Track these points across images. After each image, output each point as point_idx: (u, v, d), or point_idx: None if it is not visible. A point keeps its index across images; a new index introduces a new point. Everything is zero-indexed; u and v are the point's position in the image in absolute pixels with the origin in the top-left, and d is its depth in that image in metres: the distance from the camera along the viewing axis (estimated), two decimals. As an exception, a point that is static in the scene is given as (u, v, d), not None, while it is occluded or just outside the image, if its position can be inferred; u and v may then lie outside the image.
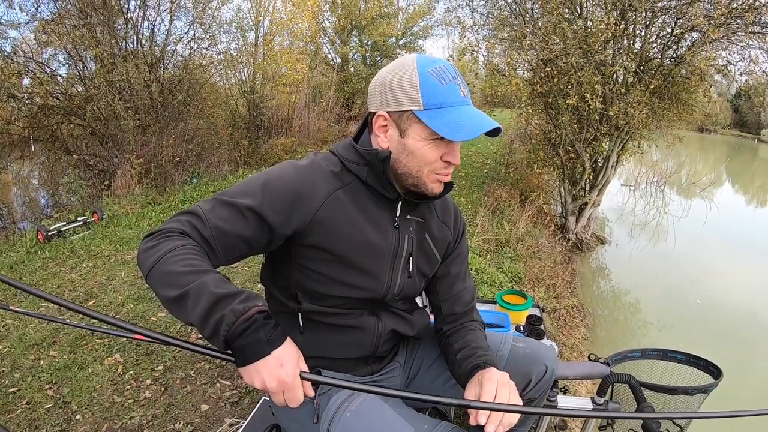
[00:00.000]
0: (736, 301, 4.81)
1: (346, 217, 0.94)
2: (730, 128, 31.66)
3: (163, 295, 0.76)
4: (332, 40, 15.85)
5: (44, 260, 3.67)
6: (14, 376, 2.30)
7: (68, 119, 5.39)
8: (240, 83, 9.33)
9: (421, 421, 0.90)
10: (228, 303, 0.70)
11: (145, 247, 0.81)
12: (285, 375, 0.70)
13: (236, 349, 0.70)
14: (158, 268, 0.77)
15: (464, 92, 0.90)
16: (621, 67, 4.43)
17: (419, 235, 1.06)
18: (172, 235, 0.81)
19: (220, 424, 1.95)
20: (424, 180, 0.94)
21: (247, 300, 0.72)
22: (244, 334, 0.69)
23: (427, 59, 0.90)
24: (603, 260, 6.03)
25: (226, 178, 6.89)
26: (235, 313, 0.69)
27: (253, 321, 0.70)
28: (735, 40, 4.42)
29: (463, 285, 1.16)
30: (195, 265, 0.76)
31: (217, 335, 0.70)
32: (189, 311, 0.72)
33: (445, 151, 0.91)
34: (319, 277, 0.96)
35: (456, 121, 0.86)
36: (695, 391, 1.31)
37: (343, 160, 0.98)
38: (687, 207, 8.37)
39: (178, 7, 6.02)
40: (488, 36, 5.84)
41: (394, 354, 1.18)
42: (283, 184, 0.90)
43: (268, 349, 0.70)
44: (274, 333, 0.72)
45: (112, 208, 4.95)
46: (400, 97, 0.89)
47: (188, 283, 0.73)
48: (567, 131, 5.03)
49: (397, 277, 1.03)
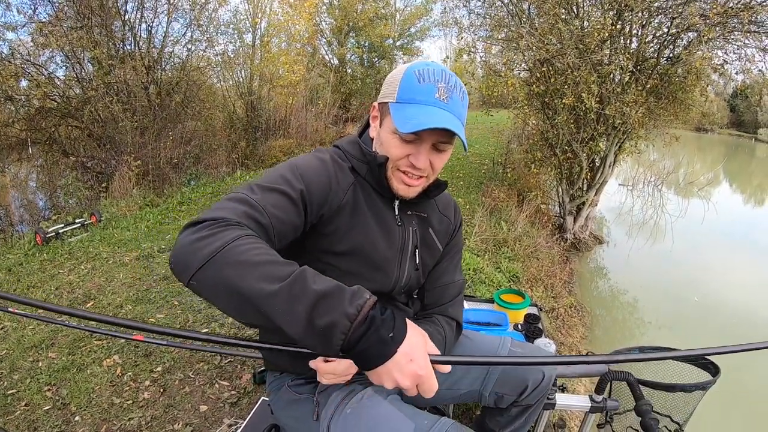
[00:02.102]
0: (734, 300, 4.81)
1: (362, 210, 0.96)
2: (728, 128, 31.70)
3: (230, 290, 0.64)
4: (329, 42, 15.88)
5: (42, 262, 3.67)
6: (13, 377, 2.30)
7: (66, 121, 5.39)
8: (237, 85, 9.33)
9: (421, 417, 0.90)
10: (336, 304, 0.62)
11: (194, 237, 0.68)
12: (418, 368, 0.65)
13: (356, 355, 0.63)
14: (226, 257, 0.64)
15: (442, 96, 0.88)
16: (617, 67, 4.44)
17: (422, 229, 1.07)
18: (227, 224, 0.70)
19: (219, 425, 1.95)
20: (389, 174, 0.95)
21: (355, 297, 0.64)
22: (363, 338, 0.62)
23: (424, 63, 0.92)
24: (601, 260, 6.03)
25: (224, 180, 6.89)
26: (349, 317, 0.62)
27: (371, 321, 0.63)
28: (731, 39, 4.45)
29: (451, 278, 1.16)
30: (275, 255, 0.67)
31: (329, 344, 0.62)
32: (278, 313, 0.62)
33: (412, 152, 0.90)
34: (330, 268, 0.95)
35: (411, 115, 0.86)
36: (693, 388, 1.32)
37: (348, 155, 1.00)
38: (685, 207, 8.40)
39: (175, 9, 6.01)
40: (485, 36, 5.86)
41: None
42: (317, 170, 0.91)
43: (393, 348, 0.64)
44: (395, 327, 0.65)
45: (110, 210, 4.94)
46: (386, 90, 0.94)
47: (286, 275, 0.63)
48: (564, 131, 5.05)
49: (404, 271, 1.04)
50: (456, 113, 0.89)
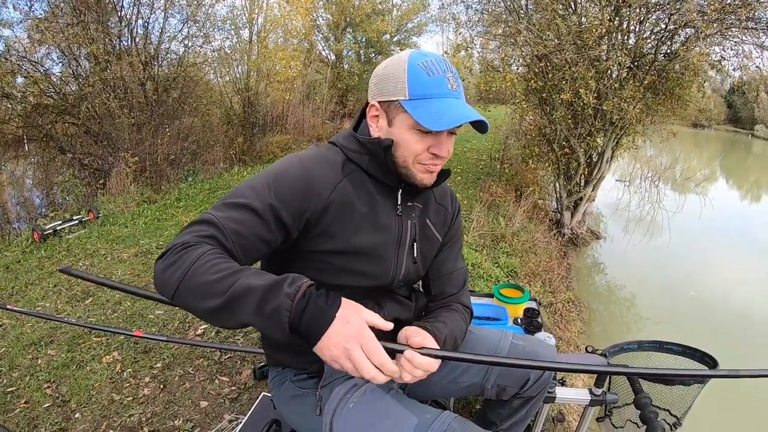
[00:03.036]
0: (731, 296, 4.84)
1: (352, 206, 0.95)
2: (724, 124, 31.79)
3: (201, 307, 0.74)
4: (326, 37, 15.83)
5: (40, 259, 3.66)
6: (12, 375, 2.30)
7: (62, 118, 5.35)
8: (234, 80, 9.29)
9: (423, 411, 0.90)
10: (278, 291, 0.70)
11: (163, 266, 0.77)
12: (356, 329, 0.70)
13: (304, 329, 0.70)
14: (187, 283, 0.74)
15: (453, 85, 0.90)
16: (615, 63, 4.44)
17: (421, 220, 1.07)
18: (188, 247, 0.78)
19: (220, 420, 1.95)
20: (412, 170, 0.94)
21: (294, 281, 0.72)
22: (305, 311, 0.70)
23: (420, 53, 0.91)
24: (598, 255, 6.06)
25: (222, 176, 6.87)
26: (289, 296, 0.70)
27: (309, 296, 0.71)
28: (729, 35, 4.45)
29: (454, 266, 1.17)
30: (226, 269, 0.74)
31: (279, 324, 0.69)
32: (238, 314, 0.71)
33: (432, 143, 0.91)
34: (326, 267, 0.96)
35: (437, 111, 0.86)
36: (692, 381, 1.33)
37: (344, 150, 0.99)
38: (681, 202, 8.42)
39: (172, 5, 5.98)
40: (483, 32, 5.85)
41: None
42: (292, 177, 0.90)
43: (331, 313, 0.70)
44: (328, 298, 0.72)
45: (108, 206, 4.92)
46: (389, 88, 0.91)
47: (228, 287, 0.71)
48: (562, 126, 5.05)
49: (402, 264, 1.04)
50: (464, 99, 0.92)
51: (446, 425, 0.86)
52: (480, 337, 1.21)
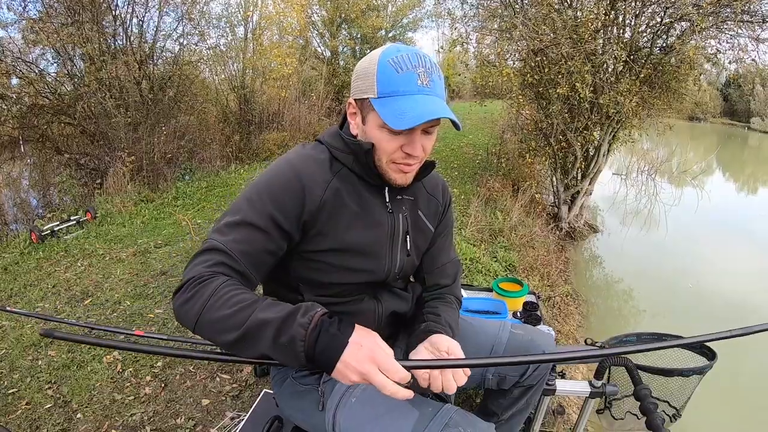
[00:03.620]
0: (729, 288, 4.85)
1: (344, 204, 0.95)
2: (720, 117, 31.80)
3: (220, 340, 0.77)
4: (321, 34, 15.75)
5: (39, 260, 3.65)
6: (13, 377, 2.30)
7: (58, 118, 5.31)
8: (230, 78, 9.25)
9: (425, 404, 0.91)
10: (291, 322, 0.72)
11: (181, 301, 0.80)
12: (370, 352, 0.71)
13: (319, 357, 0.72)
14: (205, 318, 0.77)
15: (424, 81, 0.87)
16: (611, 57, 4.44)
17: (413, 213, 1.07)
18: (203, 281, 0.80)
19: (222, 418, 1.96)
20: (386, 170, 0.94)
21: (307, 311, 0.74)
22: (319, 339, 0.71)
23: (395, 48, 0.89)
24: (595, 249, 6.07)
25: (219, 174, 6.86)
26: (303, 326, 0.72)
27: (321, 324, 0.73)
28: (724, 28, 4.45)
29: (447, 257, 1.18)
30: (240, 301, 0.76)
31: (294, 355, 0.71)
32: (256, 346, 0.74)
33: (404, 142, 0.89)
34: (322, 266, 0.96)
35: (402, 110, 0.84)
36: (691, 373, 1.34)
37: (330, 148, 0.98)
38: (678, 195, 8.45)
39: (167, 3, 5.94)
40: (478, 27, 5.83)
41: (395, 339, 1.18)
42: (285, 182, 0.90)
43: (344, 339, 0.72)
44: (340, 326, 0.74)
45: (105, 206, 4.92)
46: (362, 86, 0.90)
47: (243, 321, 0.74)
48: (558, 120, 5.06)
49: (397, 257, 1.05)
50: (440, 95, 0.89)
51: (448, 417, 0.88)
52: (478, 328, 1.23)
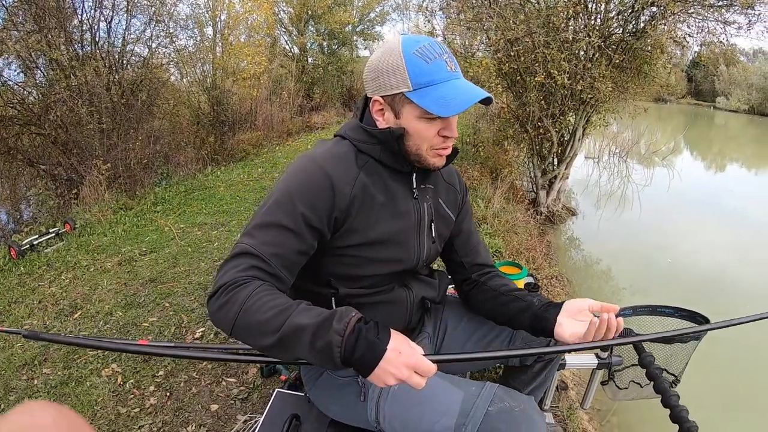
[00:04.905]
0: (703, 262, 5.07)
1: (372, 198, 0.97)
2: (686, 97, 32.80)
3: (257, 344, 0.80)
4: (289, 31, 15.56)
5: (20, 276, 3.52)
6: (9, 398, 2.22)
7: (28, 129, 5.11)
8: (201, 80, 9.08)
9: (467, 385, 0.95)
10: (327, 328, 0.74)
11: (216, 306, 0.81)
12: (408, 358, 0.74)
13: (356, 363, 0.74)
14: (241, 322, 0.78)
15: (451, 66, 0.92)
16: (585, 44, 4.56)
17: (435, 201, 1.11)
18: (237, 287, 0.81)
19: (234, 422, 1.96)
20: (425, 156, 0.97)
21: (342, 317, 0.76)
22: (356, 346, 0.73)
23: (412, 40, 0.92)
24: (573, 231, 6.23)
25: (196, 177, 6.73)
26: (339, 332, 0.73)
27: (358, 331, 0.74)
28: (692, 13, 4.61)
29: (476, 239, 1.24)
30: (276, 306, 0.78)
31: (331, 359, 0.74)
32: (292, 351, 0.77)
33: (441, 127, 0.94)
34: (353, 260, 0.99)
35: (444, 97, 0.89)
36: (689, 339, 1.43)
37: (354, 142, 1.00)
38: (650, 176, 8.74)
39: (134, 6, 5.77)
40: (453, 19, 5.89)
41: (422, 325, 1.23)
42: (314, 181, 0.92)
43: (382, 347, 0.74)
44: (379, 332, 0.76)
45: (84, 216, 4.77)
46: (390, 81, 0.92)
47: (279, 326, 0.76)
48: (534, 108, 5.17)
49: (424, 245, 1.08)
50: (462, 76, 0.95)
51: (492, 393, 0.92)
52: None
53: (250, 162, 8.03)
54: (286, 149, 9.28)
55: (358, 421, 1.06)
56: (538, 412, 0.94)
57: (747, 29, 4.54)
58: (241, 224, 4.59)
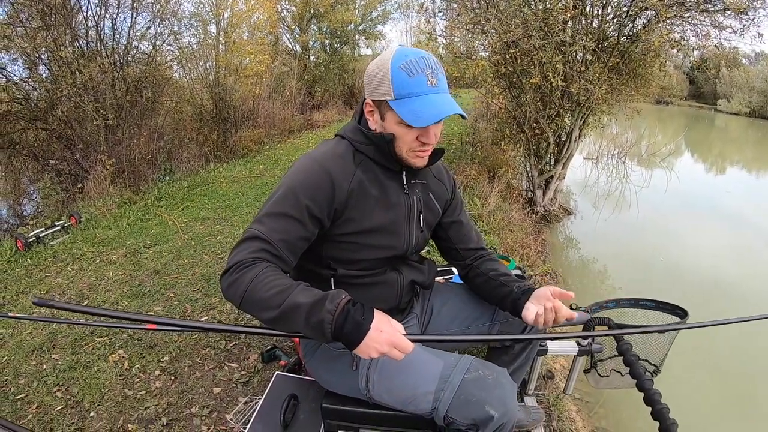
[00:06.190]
0: (700, 264, 5.09)
1: (367, 191, 1.10)
2: (687, 100, 32.76)
3: (262, 317, 0.93)
4: (291, 29, 15.64)
5: (27, 268, 3.62)
6: (19, 383, 2.29)
7: (33, 125, 5.21)
8: (204, 77, 9.18)
9: (447, 356, 1.09)
10: (320, 307, 0.88)
11: (228, 283, 0.95)
12: (388, 336, 0.88)
13: (344, 338, 0.88)
14: (248, 298, 0.92)
15: (432, 82, 1.02)
16: (580, 47, 4.64)
17: (424, 195, 1.24)
18: (246, 266, 0.95)
19: (236, 404, 2.05)
20: (406, 157, 1.10)
21: (333, 298, 0.89)
22: (345, 324, 0.87)
23: (402, 54, 1.03)
24: (570, 231, 6.27)
25: (199, 173, 6.83)
26: (330, 312, 0.87)
27: (346, 312, 0.88)
28: (687, 18, 4.69)
29: (469, 226, 1.37)
30: (278, 285, 0.92)
31: (322, 334, 0.88)
32: (290, 325, 0.91)
33: (420, 133, 1.05)
34: (351, 246, 1.12)
35: (418, 110, 1.00)
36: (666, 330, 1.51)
37: (352, 142, 1.13)
38: (648, 177, 8.77)
39: (139, 4, 5.86)
40: (452, 20, 5.97)
41: (411, 306, 1.36)
42: (316, 177, 1.05)
43: (366, 325, 0.88)
44: (364, 313, 0.89)
45: (89, 210, 4.87)
46: (378, 88, 1.05)
47: (280, 303, 0.89)
48: (531, 109, 5.25)
49: (413, 233, 1.21)
50: (445, 90, 1.06)
51: (468, 364, 1.06)
52: None
53: (252, 159, 8.13)
54: (287, 147, 9.38)
55: (350, 389, 1.18)
56: (509, 381, 1.08)
57: (741, 33, 4.63)
58: (243, 219, 4.69)
